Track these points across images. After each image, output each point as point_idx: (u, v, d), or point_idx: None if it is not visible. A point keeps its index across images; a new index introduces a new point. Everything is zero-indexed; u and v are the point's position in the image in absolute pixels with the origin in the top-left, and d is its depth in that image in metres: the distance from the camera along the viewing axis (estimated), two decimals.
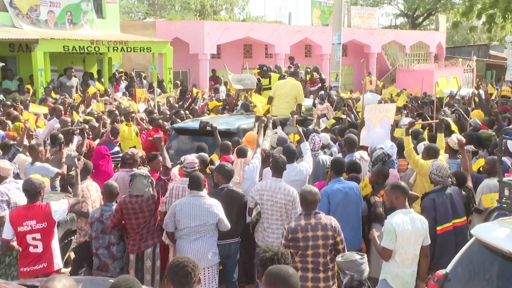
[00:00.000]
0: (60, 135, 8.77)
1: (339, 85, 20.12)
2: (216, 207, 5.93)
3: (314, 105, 12.64)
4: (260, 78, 11.95)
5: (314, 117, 10.54)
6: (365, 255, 4.64)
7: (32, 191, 5.51)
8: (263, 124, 8.16)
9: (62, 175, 8.31)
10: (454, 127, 8.67)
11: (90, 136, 9.57)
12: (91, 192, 6.73)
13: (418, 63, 33.07)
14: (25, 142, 8.55)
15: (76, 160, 6.47)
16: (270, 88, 12.17)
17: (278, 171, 6.46)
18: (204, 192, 6.06)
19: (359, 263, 4.47)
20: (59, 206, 5.60)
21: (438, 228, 5.80)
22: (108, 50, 18.86)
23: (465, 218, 6.03)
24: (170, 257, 6.76)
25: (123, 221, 6.11)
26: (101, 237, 6.15)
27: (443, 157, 7.02)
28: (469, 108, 11.23)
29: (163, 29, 23.42)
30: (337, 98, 14.52)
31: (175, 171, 7.06)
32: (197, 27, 23.86)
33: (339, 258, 4.61)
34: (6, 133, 9.48)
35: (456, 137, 7.27)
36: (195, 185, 5.96)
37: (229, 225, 5.99)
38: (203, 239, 5.90)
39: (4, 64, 16.45)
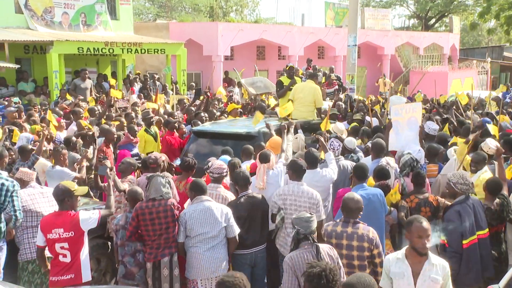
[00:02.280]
0: (73, 138, 8.71)
1: (354, 87, 19.95)
2: (223, 210, 5.82)
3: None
4: (283, 81, 11.69)
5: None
6: (314, 216, 4.86)
7: (58, 197, 5.39)
8: (286, 129, 8.00)
9: (81, 179, 8.19)
10: (494, 131, 8.44)
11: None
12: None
13: (431, 65, 32.80)
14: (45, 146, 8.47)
15: (108, 170, 6.33)
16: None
17: (298, 174, 6.31)
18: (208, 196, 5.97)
19: (306, 220, 4.77)
20: (88, 216, 5.44)
21: (465, 242, 5.54)
22: (122, 52, 18.81)
23: (487, 230, 5.78)
24: None
25: (139, 230, 5.94)
26: (127, 244, 5.99)
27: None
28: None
29: (177, 30, 23.35)
30: (357, 101, 14.37)
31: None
32: (211, 29, 23.77)
33: (293, 216, 5.00)
34: (34, 137, 9.39)
35: (495, 144, 7.00)
36: (199, 189, 5.86)
37: (237, 232, 5.85)
38: (218, 247, 5.78)
39: (19, 66, 16.41)
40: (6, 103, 12.75)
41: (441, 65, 33.22)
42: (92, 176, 8.83)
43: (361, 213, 5.14)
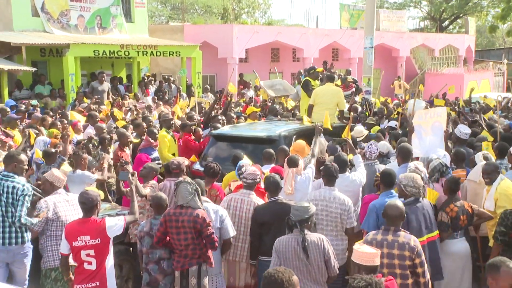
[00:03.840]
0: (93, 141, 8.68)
1: (371, 90, 19.77)
2: (219, 211, 5.87)
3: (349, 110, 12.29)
4: (310, 80, 11.51)
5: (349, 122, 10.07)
6: (310, 206, 5.10)
7: (88, 204, 5.30)
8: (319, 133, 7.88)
9: (103, 181, 8.13)
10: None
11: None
12: None
13: (447, 67, 32.52)
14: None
15: (130, 176, 6.24)
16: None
17: (330, 179, 6.27)
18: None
19: (297, 208, 5.07)
20: (114, 222, 5.37)
21: None
22: (138, 55, 18.76)
23: (437, 232, 5.70)
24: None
25: (167, 237, 5.84)
26: (151, 251, 5.88)
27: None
28: None
29: (191, 33, 23.31)
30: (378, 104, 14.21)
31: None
32: (226, 31, 23.71)
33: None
34: (51, 140, 9.35)
35: None
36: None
37: (231, 234, 5.89)
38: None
39: (36, 69, 16.44)
40: (23, 106, 12.74)
41: (456, 67, 32.91)
42: (110, 180, 8.79)
43: (403, 221, 5.02)
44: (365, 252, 4.30)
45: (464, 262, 6.00)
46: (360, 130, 9.42)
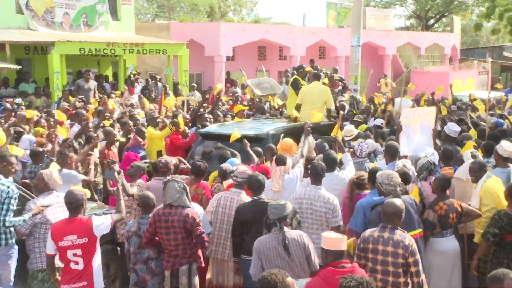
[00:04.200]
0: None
1: (358, 88, 19.82)
2: (194, 209, 5.91)
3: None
4: (300, 79, 11.46)
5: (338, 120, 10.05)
6: (287, 204, 5.20)
7: (74, 203, 5.26)
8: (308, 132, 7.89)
9: (89, 182, 8.05)
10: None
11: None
12: None
13: (433, 65, 32.71)
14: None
15: (116, 174, 6.18)
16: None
17: (317, 178, 6.26)
18: None
19: (275, 206, 5.13)
20: (101, 221, 5.33)
21: None
22: (124, 53, 18.63)
23: (420, 230, 5.70)
24: (209, 273, 6.50)
25: (157, 237, 5.81)
26: (139, 251, 5.85)
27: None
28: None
29: (178, 31, 23.18)
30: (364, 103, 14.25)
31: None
32: (213, 29, 23.60)
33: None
34: (37, 139, 9.23)
35: (504, 147, 6.84)
36: None
37: (207, 231, 5.94)
38: None
39: (21, 67, 16.24)
40: (8, 104, 12.58)
41: (442, 66, 33.12)
42: (96, 179, 8.71)
43: (401, 219, 5.03)
44: (332, 238, 4.43)
45: (453, 260, 6.02)
46: (350, 129, 9.43)
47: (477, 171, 6.46)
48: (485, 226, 6.00)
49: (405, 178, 6.23)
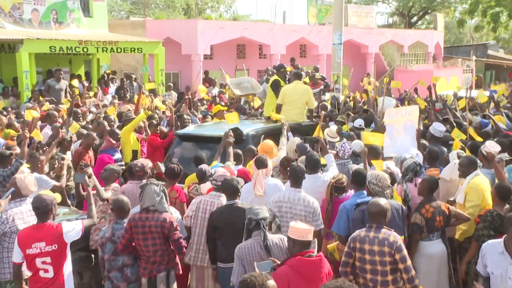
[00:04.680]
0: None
1: (340, 87, 19.89)
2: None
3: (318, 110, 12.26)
4: (280, 80, 11.43)
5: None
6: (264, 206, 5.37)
7: (42, 209, 5.16)
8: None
9: (60, 188, 7.90)
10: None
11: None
12: None
13: (416, 63, 33.04)
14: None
15: (86, 177, 6.10)
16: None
17: (296, 180, 6.22)
18: None
19: (254, 209, 5.26)
20: (72, 227, 5.26)
21: None
22: (97, 51, 18.51)
23: (402, 237, 5.63)
24: (189, 279, 6.45)
25: (133, 243, 5.75)
26: (114, 258, 5.78)
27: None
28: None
29: (154, 28, 23.07)
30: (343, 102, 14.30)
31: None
32: (190, 27, 23.53)
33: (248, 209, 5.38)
34: (6, 142, 9.08)
35: (488, 148, 6.93)
36: None
37: (182, 235, 5.88)
38: None
39: None
40: None
41: (426, 64, 33.48)
42: (69, 183, 8.60)
43: (387, 219, 5.10)
44: (299, 228, 4.64)
45: (440, 264, 6.06)
46: (333, 131, 9.47)
47: (465, 166, 6.57)
48: (469, 223, 6.10)
49: (392, 179, 6.27)
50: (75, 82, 14.63)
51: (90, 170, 6.87)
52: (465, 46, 43.74)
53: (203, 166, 7.04)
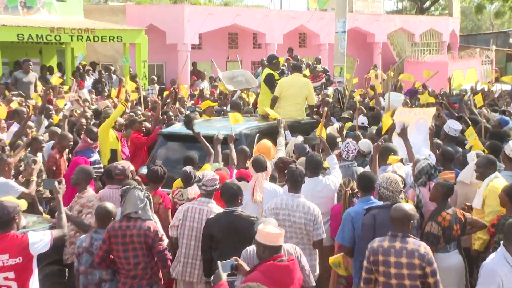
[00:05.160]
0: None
1: (343, 81, 19.93)
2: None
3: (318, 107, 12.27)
4: (274, 73, 11.43)
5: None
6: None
7: (4, 217, 5.08)
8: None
9: (29, 196, 7.84)
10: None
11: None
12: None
13: (429, 54, 33.11)
14: None
15: (56, 184, 6.07)
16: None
17: (295, 185, 6.23)
18: None
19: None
20: (39, 238, 5.21)
21: None
22: (71, 40, 18.50)
23: None
24: None
25: (111, 255, 5.73)
26: (91, 272, 5.77)
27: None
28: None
29: (135, 14, 23.07)
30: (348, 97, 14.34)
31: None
32: (176, 13, 23.53)
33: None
34: None
35: None
36: None
37: (166, 247, 5.91)
38: None
39: None
40: None
41: (440, 54, 33.56)
42: (40, 188, 8.58)
43: (411, 226, 5.14)
44: (269, 232, 4.77)
45: (458, 277, 6.09)
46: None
47: (482, 167, 6.61)
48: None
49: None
50: (55, 80, 14.54)
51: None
52: (484, 34, 43.92)
53: (187, 168, 7.02)
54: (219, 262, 4.67)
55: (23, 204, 5.64)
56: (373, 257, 5.09)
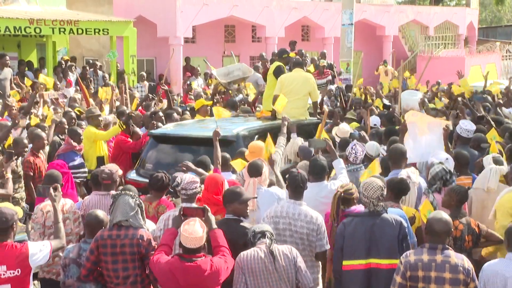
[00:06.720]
0: None
1: (350, 77, 20.03)
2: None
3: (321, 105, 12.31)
4: (283, 65, 11.45)
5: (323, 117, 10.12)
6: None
7: (2, 225, 5.15)
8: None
9: (7, 196, 7.91)
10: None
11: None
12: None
13: (444, 48, 33.20)
14: None
15: (51, 190, 6.11)
16: None
17: (296, 191, 6.18)
18: None
19: (258, 225, 5.63)
20: (38, 249, 5.26)
21: (345, 263, 5.79)
22: (53, 32, 18.47)
23: (393, 261, 5.66)
24: None
25: (99, 267, 5.76)
26: (78, 285, 5.78)
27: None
28: None
29: (123, 5, 23.15)
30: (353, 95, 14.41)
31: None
32: (167, 3, 23.57)
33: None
34: None
35: None
36: None
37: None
38: None
39: None
40: None
41: (456, 48, 33.66)
42: (17, 195, 8.61)
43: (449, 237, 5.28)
44: (194, 238, 5.08)
45: None
46: (346, 129, 9.54)
47: None
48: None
49: (401, 187, 6.39)
50: (42, 78, 14.57)
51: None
52: (505, 26, 43.99)
53: (159, 174, 7.02)
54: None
55: (19, 211, 5.66)
56: (411, 272, 5.08)
